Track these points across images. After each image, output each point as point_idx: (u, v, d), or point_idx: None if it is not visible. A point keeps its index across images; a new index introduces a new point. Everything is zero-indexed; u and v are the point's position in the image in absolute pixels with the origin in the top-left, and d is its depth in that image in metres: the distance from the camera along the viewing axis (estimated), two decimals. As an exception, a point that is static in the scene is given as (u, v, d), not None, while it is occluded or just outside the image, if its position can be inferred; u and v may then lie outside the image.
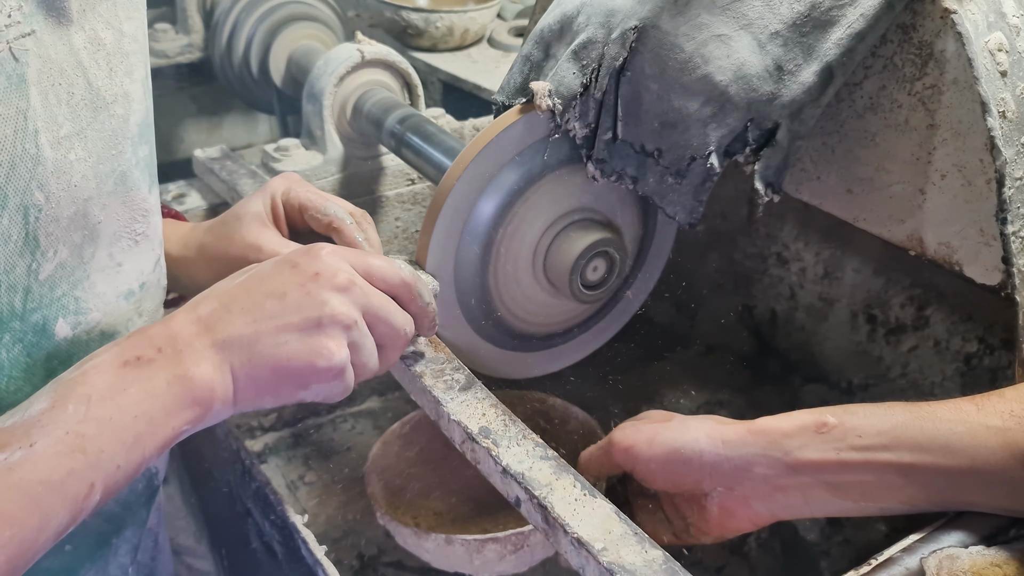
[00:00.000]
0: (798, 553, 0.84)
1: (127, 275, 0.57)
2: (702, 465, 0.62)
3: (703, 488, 0.63)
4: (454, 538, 0.70)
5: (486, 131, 0.71)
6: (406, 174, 1.06)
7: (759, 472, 0.61)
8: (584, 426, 0.83)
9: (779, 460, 0.60)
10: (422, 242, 0.72)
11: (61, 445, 0.45)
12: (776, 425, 0.61)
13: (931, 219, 0.65)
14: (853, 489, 0.59)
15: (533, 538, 0.69)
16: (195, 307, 0.53)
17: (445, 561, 0.73)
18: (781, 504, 0.62)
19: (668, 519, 0.68)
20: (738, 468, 0.61)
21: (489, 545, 0.69)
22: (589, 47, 0.68)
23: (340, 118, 1.00)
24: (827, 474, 0.59)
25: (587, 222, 0.76)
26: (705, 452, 0.62)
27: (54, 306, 0.52)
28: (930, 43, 0.62)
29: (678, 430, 0.65)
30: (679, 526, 0.67)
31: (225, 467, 0.75)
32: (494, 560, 0.70)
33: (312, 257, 0.55)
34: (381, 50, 0.99)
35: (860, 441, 0.58)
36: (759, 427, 0.62)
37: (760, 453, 0.61)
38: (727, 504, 0.63)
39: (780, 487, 0.61)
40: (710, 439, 0.63)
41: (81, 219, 0.52)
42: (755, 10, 0.65)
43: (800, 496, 0.61)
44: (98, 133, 0.53)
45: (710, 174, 0.67)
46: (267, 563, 0.72)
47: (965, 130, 0.61)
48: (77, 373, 0.48)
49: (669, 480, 0.64)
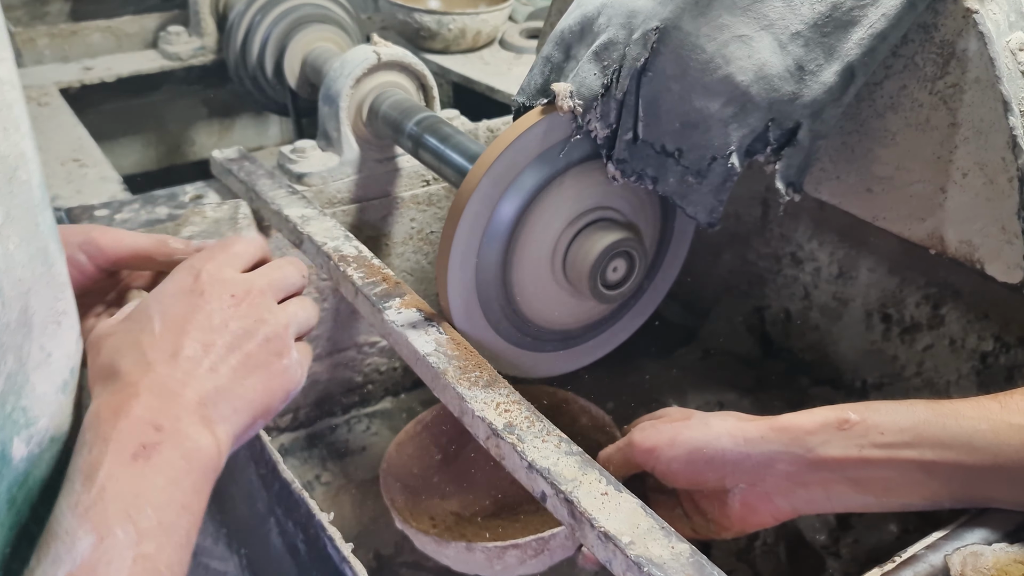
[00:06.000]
0: (804, 557, 0.84)
1: (58, 364, 0.49)
2: (724, 463, 0.63)
3: (725, 485, 0.64)
4: (475, 546, 0.69)
5: (507, 132, 0.71)
6: (421, 175, 1.06)
7: (781, 468, 0.61)
8: (597, 421, 0.83)
9: (801, 457, 0.60)
10: (444, 243, 0.72)
11: (139, 574, 0.42)
12: (798, 422, 0.61)
13: (952, 217, 0.65)
14: (875, 485, 0.60)
15: (553, 542, 0.69)
16: (146, 364, 0.48)
17: (466, 566, 0.73)
18: (803, 499, 0.62)
19: (687, 515, 0.68)
20: (760, 465, 0.62)
21: (510, 551, 0.69)
22: (610, 48, 0.69)
23: (356, 120, 1.00)
24: (849, 470, 0.59)
25: (607, 222, 0.77)
26: (727, 450, 0.63)
27: (7, 426, 0.45)
28: (952, 42, 0.62)
29: (699, 429, 0.65)
30: (699, 522, 0.68)
31: (245, 467, 0.75)
32: (515, 564, 0.70)
33: (211, 279, 0.53)
34: (397, 52, 1.00)
35: (882, 438, 0.58)
36: (781, 424, 0.62)
37: (782, 450, 0.61)
38: (749, 500, 0.63)
39: (802, 483, 0.61)
40: (732, 437, 0.63)
41: (23, 316, 0.45)
42: (776, 11, 0.65)
43: (822, 491, 0.61)
44: (19, 209, 0.45)
45: (731, 174, 0.67)
46: (289, 563, 0.72)
47: (987, 129, 0.61)
48: (93, 492, 0.43)
49: (691, 478, 0.65)
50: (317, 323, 0.58)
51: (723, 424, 0.65)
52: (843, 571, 0.82)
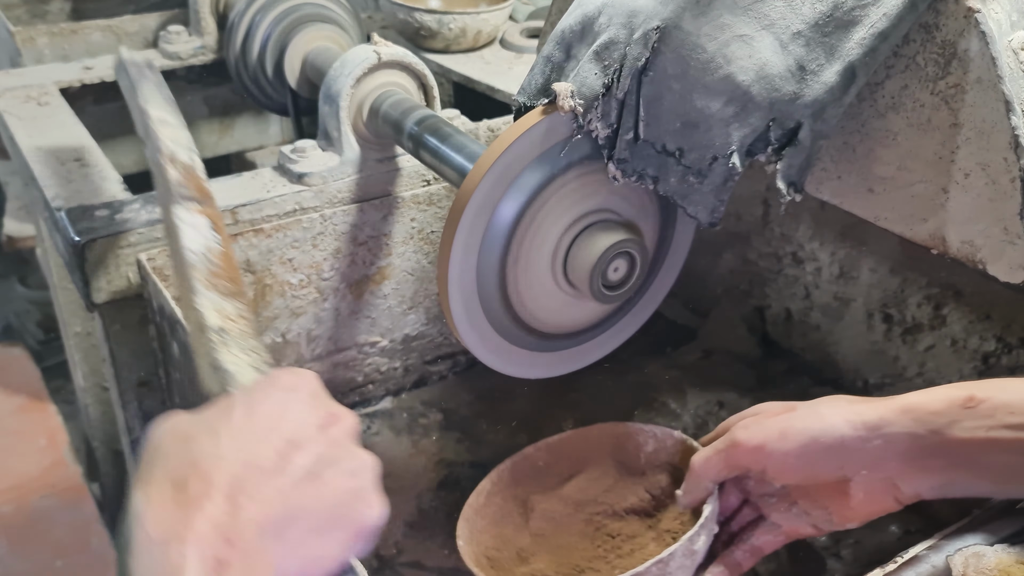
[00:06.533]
0: (805, 558, 0.84)
1: None
2: (843, 451, 0.59)
3: (845, 474, 0.60)
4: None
5: (508, 132, 0.71)
6: (422, 175, 1.06)
7: (906, 452, 0.58)
8: (663, 443, 0.79)
9: (926, 439, 0.57)
10: (444, 245, 0.72)
11: None
12: (921, 402, 0.58)
13: (954, 218, 0.65)
14: (998, 469, 0.56)
15: (673, 562, 0.65)
16: (218, 458, 0.42)
17: None
18: (926, 484, 0.59)
19: (806, 511, 0.65)
20: (882, 450, 0.58)
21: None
22: (611, 48, 0.68)
23: (357, 119, 1.00)
24: (976, 453, 0.56)
25: (608, 223, 0.77)
26: (846, 437, 0.59)
27: None
28: (953, 42, 0.62)
29: (811, 418, 0.61)
30: (820, 517, 0.64)
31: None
32: None
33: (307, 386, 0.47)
34: (398, 52, 1.00)
35: (1013, 418, 0.55)
36: (903, 405, 0.58)
37: (906, 432, 0.57)
38: (872, 487, 0.60)
39: (925, 467, 0.58)
40: (849, 423, 0.59)
41: None
42: (777, 10, 0.65)
43: (943, 476, 0.58)
44: None
45: (732, 174, 0.67)
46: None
47: (989, 129, 0.61)
48: None
49: (808, 472, 0.61)
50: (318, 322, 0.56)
51: (836, 410, 0.61)
52: (844, 572, 0.82)
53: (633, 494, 0.74)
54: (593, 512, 0.74)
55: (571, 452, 0.80)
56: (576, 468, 0.79)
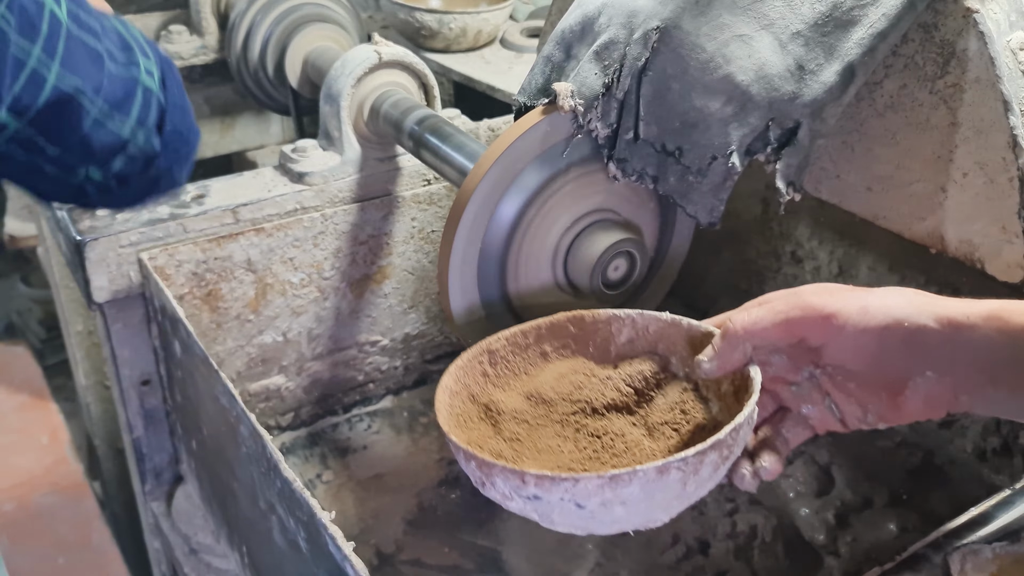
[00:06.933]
0: (803, 555, 0.84)
1: None
2: (922, 344, 0.53)
3: (912, 372, 0.54)
4: (671, 463, 0.51)
5: (508, 132, 0.71)
6: (422, 175, 1.06)
7: (982, 362, 0.52)
8: (668, 327, 0.66)
9: (1007, 352, 0.51)
10: (445, 243, 0.73)
11: None
12: (1011, 311, 0.52)
13: (952, 216, 0.65)
14: None
15: (744, 430, 0.55)
16: None
17: (644, 507, 0.54)
18: (986, 399, 0.54)
19: (839, 405, 0.58)
20: (959, 353, 0.52)
21: (710, 455, 0.53)
22: (611, 47, 0.69)
23: (357, 119, 1.01)
24: None
25: (608, 222, 0.77)
26: (930, 330, 0.52)
27: None
28: (952, 42, 0.62)
29: (892, 298, 0.54)
30: (854, 413, 0.57)
31: (248, 464, 0.75)
32: (708, 476, 0.54)
33: None
34: (398, 51, 1.00)
35: None
36: (991, 312, 0.52)
37: (988, 341, 0.52)
38: (933, 392, 0.54)
39: (997, 380, 0.52)
40: (935, 315, 0.53)
41: None
42: (776, 10, 0.65)
43: (1009, 394, 0.52)
44: None
45: (731, 173, 0.68)
46: (291, 560, 0.72)
47: (987, 128, 0.62)
48: None
49: (878, 359, 0.54)
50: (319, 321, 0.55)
51: (920, 299, 0.54)
52: (842, 570, 0.82)
53: (611, 388, 0.63)
54: (567, 412, 0.63)
55: (532, 345, 0.69)
56: (537, 363, 0.68)
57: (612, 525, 0.54)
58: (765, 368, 0.59)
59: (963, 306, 0.53)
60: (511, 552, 0.88)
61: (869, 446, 0.96)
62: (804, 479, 0.92)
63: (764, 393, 0.59)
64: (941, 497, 0.90)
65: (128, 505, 1.49)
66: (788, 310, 0.55)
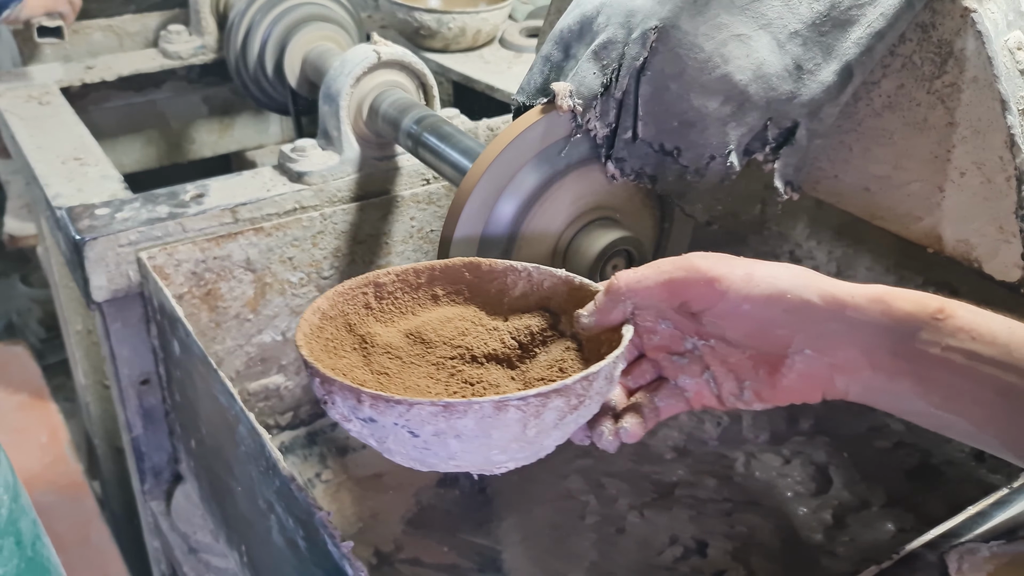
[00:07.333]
0: (800, 555, 0.85)
1: None
2: (804, 318, 0.53)
3: (790, 347, 0.54)
4: (508, 400, 0.50)
5: (507, 131, 0.71)
6: (421, 174, 1.06)
7: (863, 344, 0.52)
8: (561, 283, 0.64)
9: (888, 337, 0.52)
10: (443, 242, 0.73)
11: None
12: (895, 297, 0.52)
13: (950, 216, 0.66)
14: (941, 391, 0.52)
15: (598, 383, 0.54)
16: None
17: (479, 443, 0.52)
18: (864, 384, 0.54)
19: (718, 380, 0.57)
20: (841, 333, 0.52)
21: (553, 400, 0.51)
22: (609, 47, 0.69)
23: (356, 119, 1.01)
24: (926, 367, 0.52)
25: (606, 221, 0.77)
26: (814, 305, 0.52)
27: None
28: (949, 42, 0.63)
29: (779, 270, 0.54)
30: (731, 389, 0.57)
31: (247, 463, 0.75)
32: (552, 424, 0.52)
33: None
34: (397, 51, 1.00)
35: (971, 344, 0.51)
36: (877, 295, 0.52)
37: (871, 323, 0.52)
38: (810, 371, 0.54)
39: (874, 365, 0.53)
40: (820, 292, 0.53)
41: None
42: (774, 10, 0.65)
43: (886, 381, 0.53)
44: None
45: (729, 172, 0.68)
46: (289, 559, 0.72)
47: (984, 128, 0.62)
48: None
49: (758, 329, 0.54)
50: None
51: (803, 274, 0.54)
52: (839, 570, 0.83)
53: (495, 339, 0.62)
54: (445, 356, 0.61)
55: (424, 285, 0.66)
56: (427, 304, 0.66)
57: (449, 461, 0.53)
58: (650, 336, 0.59)
59: (849, 287, 0.53)
60: (510, 552, 0.89)
61: (867, 447, 0.96)
62: (801, 479, 0.92)
63: (646, 361, 0.60)
64: (938, 498, 0.90)
65: (127, 504, 1.49)
66: (673, 270, 0.55)
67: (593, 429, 0.57)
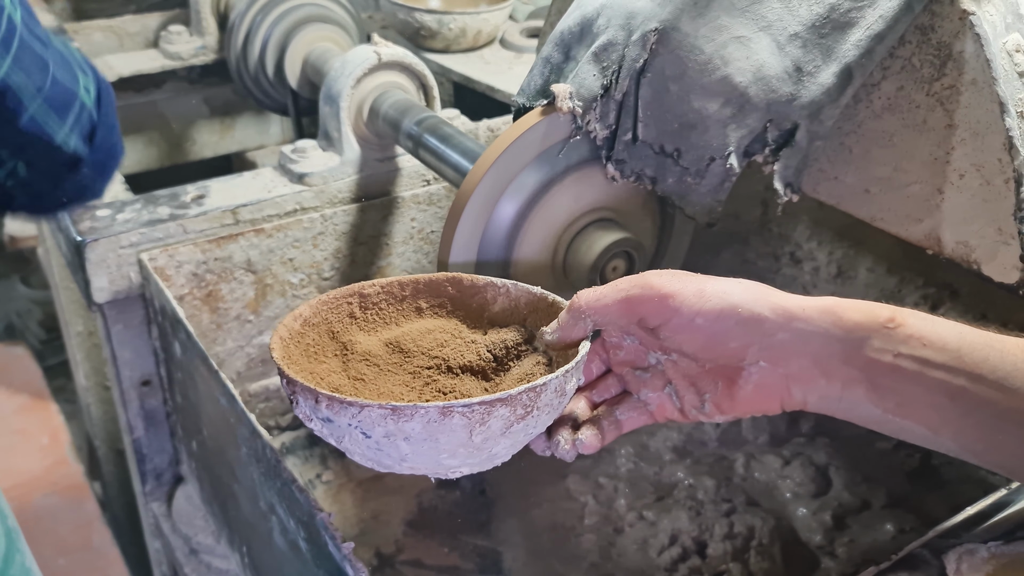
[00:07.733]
0: (799, 557, 0.85)
1: None
2: (756, 332, 0.54)
3: (744, 359, 0.56)
4: (453, 406, 0.52)
5: (507, 133, 0.71)
6: (422, 175, 1.07)
7: (815, 354, 0.54)
8: (537, 301, 0.65)
9: (839, 347, 0.53)
10: (444, 243, 0.73)
11: None
12: (845, 308, 0.54)
13: (949, 218, 0.66)
14: (894, 398, 0.54)
15: (545, 395, 0.55)
16: None
17: (427, 448, 0.54)
18: (819, 394, 0.55)
19: (679, 393, 0.59)
20: (793, 344, 0.54)
21: (499, 409, 0.53)
22: (609, 49, 0.69)
23: (357, 120, 1.01)
24: (879, 374, 0.53)
25: (606, 222, 0.77)
26: (764, 318, 0.54)
27: None
28: (948, 44, 0.63)
29: (732, 287, 0.56)
30: (693, 402, 0.59)
31: (248, 465, 0.76)
32: (499, 432, 0.54)
33: None
34: (398, 52, 1.00)
35: (923, 351, 0.52)
36: (825, 305, 0.54)
37: (822, 334, 0.53)
38: (765, 382, 0.56)
39: (829, 374, 0.54)
40: (770, 305, 0.54)
41: None
42: (774, 12, 0.65)
43: (840, 390, 0.55)
44: None
45: (729, 174, 0.68)
46: (291, 560, 0.72)
47: (983, 130, 0.62)
48: None
49: (712, 343, 0.56)
50: None
51: (755, 288, 0.55)
52: (839, 571, 0.83)
53: (472, 352, 0.63)
54: (422, 366, 0.63)
55: (408, 298, 0.68)
56: (410, 316, 0.68)
57: (401, 463, 0.55)
58: (616, 351, 0.61)
59: (800, 300, 0.55)
60: (510, 553, 0.89)
61: (867, 448, 0.96)
62: (802, 480, 0.92)
63: (612, 375, 0.62)
64: (938, 498, 0.90)
65: (129, 506, 1.49)
66: (629, 288, 0.56)
67: (551, 439, 0.59)
